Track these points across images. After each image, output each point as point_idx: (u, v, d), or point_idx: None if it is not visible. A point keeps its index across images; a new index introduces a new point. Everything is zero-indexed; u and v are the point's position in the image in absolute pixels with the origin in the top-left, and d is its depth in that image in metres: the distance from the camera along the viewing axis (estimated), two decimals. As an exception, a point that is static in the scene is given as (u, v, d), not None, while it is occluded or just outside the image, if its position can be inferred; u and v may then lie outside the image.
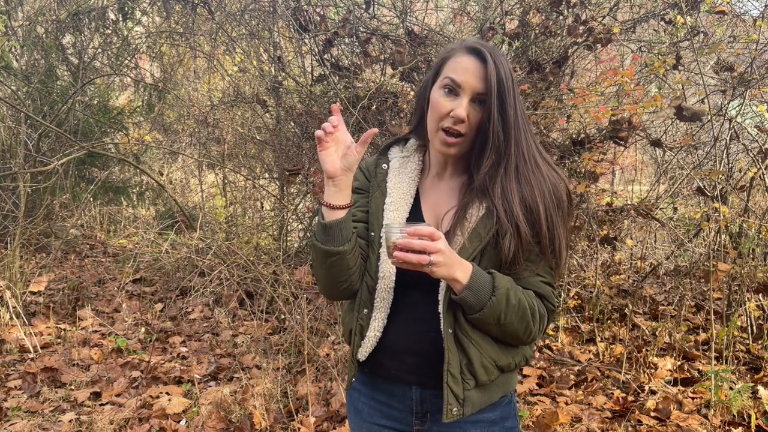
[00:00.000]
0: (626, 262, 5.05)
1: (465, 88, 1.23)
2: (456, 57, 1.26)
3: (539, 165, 1.26)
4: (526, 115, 1.28)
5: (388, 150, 1.41)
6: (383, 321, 1.31)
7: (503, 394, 1.34)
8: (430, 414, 1.33)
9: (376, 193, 1.35)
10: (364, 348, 1.32)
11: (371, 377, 1.39)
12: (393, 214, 1.32)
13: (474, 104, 1.23)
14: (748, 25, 4.38)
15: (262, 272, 4.29)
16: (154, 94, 7.01)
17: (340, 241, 1.23)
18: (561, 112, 3.83)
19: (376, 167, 1.38)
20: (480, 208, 1.25)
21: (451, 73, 1.24)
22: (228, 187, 6.52)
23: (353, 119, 3.80)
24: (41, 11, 6.22)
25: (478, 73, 1.22)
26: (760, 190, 4.33)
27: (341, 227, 1.23)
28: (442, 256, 1.11)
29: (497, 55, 1.23)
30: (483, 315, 1.19)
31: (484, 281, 1.18)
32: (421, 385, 1.31)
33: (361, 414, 1.41)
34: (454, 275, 1.15)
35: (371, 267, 1.31)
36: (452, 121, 1.23)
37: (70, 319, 4.33)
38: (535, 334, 1.26)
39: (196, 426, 2.91)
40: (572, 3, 3.79)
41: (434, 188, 1.35)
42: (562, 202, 1.26)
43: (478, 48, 1.24)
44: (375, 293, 1.31)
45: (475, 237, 1.23)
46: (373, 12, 4.45)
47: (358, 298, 1.33)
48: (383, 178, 1.36)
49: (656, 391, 3.14)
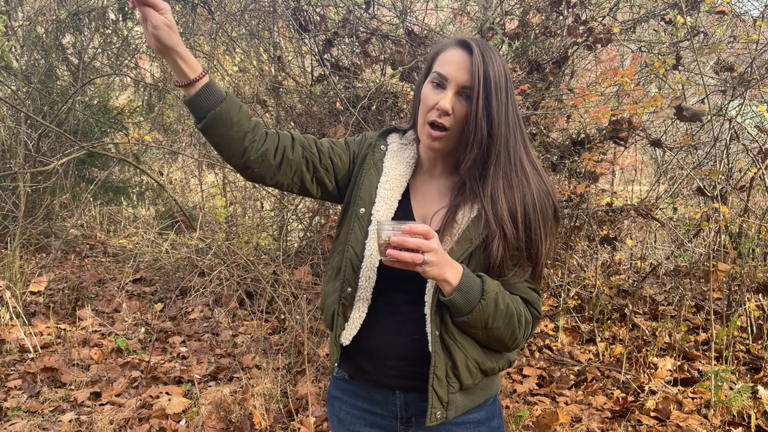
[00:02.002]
0: (626, 262, 5.05)
1: (450, 80, 1.21)
2: (445, 51, 1.25)
3: (525, 169, 1.23)
4: (520, 118, 1.26)
5: (388, 134, 1.40)
6: (368, 301, 1.27)
7: (487, 397, 1.32)
8: (414, 418, 1.31)
9: (371, 171, 1.33)
10: (348, 331, 1.28)
11: (351, 384, 1.36)
12: (387, 192, 1.30)
13: (460, 97, 1.22)
14: (748, 25, 4.38)
15: (262, 272, 4.29)
16: (154, 94, 7.01)
17: (206, 109, 1.18)
18: (561, 112, 3.83)
19: (375, 146, 1.37)
20: (471, 210, 1.23)
21: (438, 68, 1.24)
22: (228, 187, 6.51)
23: (353, 119, 3.80)
24: (41, 11, 6.22)
25: (464, 65, 1.21)
26: (760, 190, 4.33)
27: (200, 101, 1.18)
28: (435, 256, 1.09)
29: (487, 49, 1.21)
30: (471, 318, 1.17)
31: (474, 284, 1.17)
32: (405, 389, 1.29)
33: (344, 423, 1.38)
34: (444, 276, 1.13)
35: (357, 243, 1.28)
36: (437, 114, 1.22)
37: (70, 319, 4.33)
38: (520, 340, 1.24)
39: (196, 426, 2.91)
40: (572, 3, 3.80)
41: (425, 185, 1.34)
42: (546, 211, 1.24)
43: (466, 41, 1.23)
44: (360, 272, 1.27)
45: (465, 240, 1.22)
46: (373, 12, 4.45)
47: (342, 276, 1.29)
48: (381, 158, 1.34)
49: (656, 391, 3.14)
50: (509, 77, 1.24)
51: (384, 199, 1.29)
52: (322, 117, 4.29)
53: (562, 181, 3.95)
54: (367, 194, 1.30)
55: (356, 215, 1.30)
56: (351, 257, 1.28)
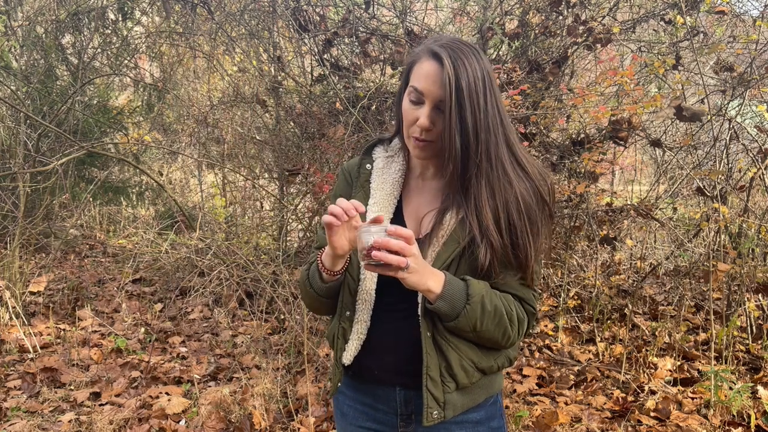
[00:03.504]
0: (626, 262, 5.05)
1: (427, 95, 1.19)
2: (420, 63, 1.22)
3: (507, 173, 1.21)
4: (503, 116, 1.22)
5: (372, 150, 1.39)
6: (366, 323, 1.30)
7: (488, 396, 1.33)
8: (414, 415, 1.32)
9: (360, 194, 1.33)
10: (348, 352, 1.31)
11: (355, 380, 1.38)
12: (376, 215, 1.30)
13: (438, 111, 1.20)
14: (748, 25, 4.38)
15: (262, 272, 4.29)
16: (153, 94, 7.01)
17: (335, 293, 1.32)
18: (561, 112, 3.83)
19: (359, 168, 1.36)
20: (458, 214, 1.23)
21: (414, 82, 1.22)
22: (228, 187, 6.51)
23: (353, 119, 3.80)
24: (41, 11, 6.22)
25: (438, 79, 1.17)
26: (760, 190, 4.33)
27: (336, 286, 1.30)
28: (415, 262, 1.11)
29: (458, 58, 1.16)
30: (458, 323, 1.18)
31: (458, 290, 1.17)
32: (405, 385, 1.31)
33: (347, 417, 1.41)
34: (426, 285, 1.15)
35: (353, 269, 1.30)
36: (418, 131, 1.22)
37: (70, 320, 4.33)
38: (514, 338, 1.25)
39: (196, 426, 2.90)
40: (572, 3, 3.80)
41: (418, 190, 1.34)
42: (532, 212, 1.22)
43: (436, 51, 1.18)
44: (357, 295, 1.30)
45: (452, 241, 1.22)
46: (372, 12, 4.45)
47: (340, 301, 1.32)
48: (366, 179, 1.34)
49: (656, 391, 3.14)
50: (489, 76, 1.20)
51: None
52: (322, 117, 4.29)
53: (562, 181, 3.95)
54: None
55: None
56: (348, 281, 1.31)
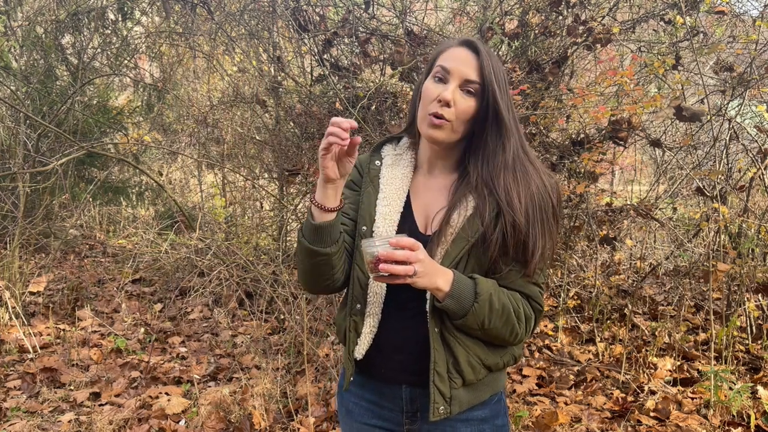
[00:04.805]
0: (626, 262, 5.05)
1: (454, 73, 1.24)
2: (449, 49, 1.29)
3: (526, 167, 1.26)
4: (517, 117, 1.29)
5: (381, 147, 1.42)
6: (378, 317, 1.31)
7: (492, 393, 1.34)
8: (420, 413, 1.33)
9: (369, 189, 1.35)
10: (361, 346, 1.32)
11: (362, 377, 1.39)
12: (385, 209, 1.32)
13: (462, 91, 1.24)
14: (748, 26, 4.38)
15: (262, 272, 4.29)
16: (153, 94, 7.00)
17: (329, 242, 1.25)
18: (560, 112, 3.83)
19: (369, 163, 1.39)
20: (468, 208, 1.25)
21: (442, 62, 1.27)
22: (227, 187, 6.51)
23: (353, 119, 3.79)
24: (41, 11, 6.22)
25: (468, 62, 1.24)
26: (760, 190, 4.33)
27: (331, 229, 1.24)
28: (422, 266, 1.13)
29: (491, 51, 1.26)
30: (466, 321, 1.20)
31: (466, 288, 1.19)
32: (411, 383, 1.32)
33: (352, 414, 1.41)
34: (435, 284, 1.17)
35: (362, 261, 1.30)
36: (438, 105, 1.24)
37: (70, 320, 4.33)
38: (521, 335, 1.27)
39: (196, 426, 2.90)
40: (572, 3, 3.80)
41: (425, 187, 1.35)
42: (546, 209, 1.26)
43: (472, 42, 1.27)
44: (368, 288, 1.31)
45: (461, 239, 1.24)
46: (372, 12, 4.44)
47: (350, 295, 1.33)
48: (376, 174, 1.37)
49: (656, 392, 3.14)
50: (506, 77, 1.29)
51: (383, 216, 1.32)
52: (322, 117, 4.28)
53: (562, 181, 3.95)
54: (367, 212, 1.33)
55: (360, 234, 1.33)
56: (358, 275, 1.32)
